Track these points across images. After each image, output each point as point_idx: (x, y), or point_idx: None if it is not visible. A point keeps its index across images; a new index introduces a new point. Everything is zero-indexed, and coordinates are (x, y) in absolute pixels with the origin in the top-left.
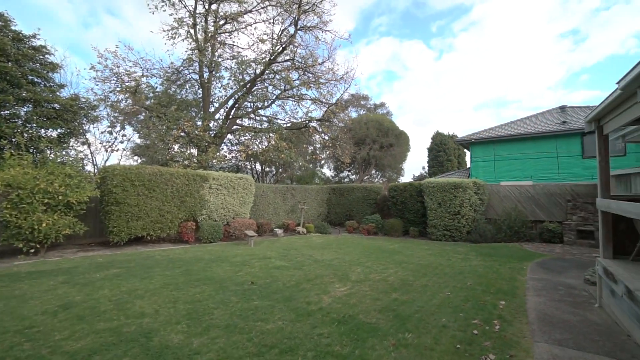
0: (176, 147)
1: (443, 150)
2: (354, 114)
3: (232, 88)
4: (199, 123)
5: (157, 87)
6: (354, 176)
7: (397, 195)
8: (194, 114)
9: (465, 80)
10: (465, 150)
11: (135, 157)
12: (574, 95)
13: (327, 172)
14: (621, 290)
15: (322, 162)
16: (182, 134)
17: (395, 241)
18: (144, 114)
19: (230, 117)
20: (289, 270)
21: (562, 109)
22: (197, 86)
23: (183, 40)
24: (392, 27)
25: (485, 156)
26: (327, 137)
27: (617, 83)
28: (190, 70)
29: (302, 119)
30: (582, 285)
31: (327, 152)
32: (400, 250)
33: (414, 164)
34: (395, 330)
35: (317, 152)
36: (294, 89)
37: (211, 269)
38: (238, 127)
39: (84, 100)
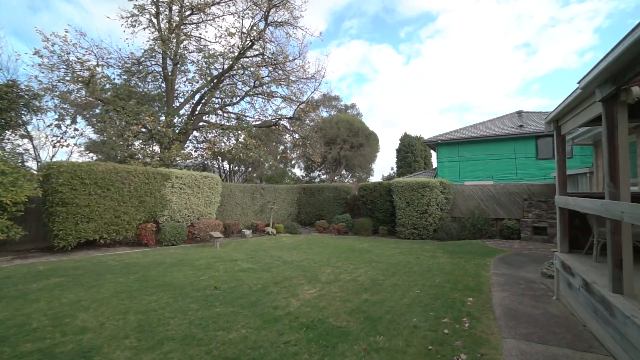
0: (137, 143)
1: (411, 152)
2: (324, 114)
3: (197, 82)
4: (163, 118)
5: (114, 79)
6: (324, 176)
7: (367, 194)
8: (156, 108)
9: (431, 85)
10: (431, 151)
11: (91, 154)
12: (527, 102)
13: (298, 171)
14: (578, 283)
15: (293, 161)
16: (143, 129)
17: (365, 240)
18: (99, 107)
19: (196, 113)
20: (256, 272)
21: (519, 113)
22: (160, 79)
23: (144, 29)
24: (363, 31)
25: (451, 157)
26: (297, 136)
27: (578, 82)
28: (153, 62)
29: (272, 117)
30: (540, 278)
31: (298, 152)
32: (370, 249)
33: (383, 165)
34: (366, 334)
35: (288, 151)
36: (264, 86)
37: (171, 273)
38: (205, 123)
39: (24, 88)
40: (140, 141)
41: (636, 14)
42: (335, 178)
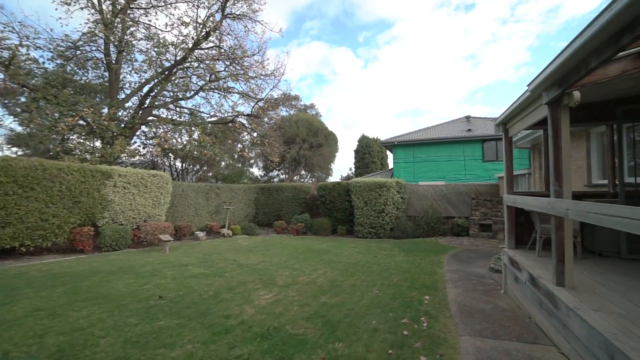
0: (74, 137)
1: (368, 153)
2: (284, 113)
3: (146, 72)
4: (106, 111)
5: (44, 63)
6: (283, 176)
7: (326, 194)
8: (99, 100)
9: (388, 89)
10: (388, 152)
11: (13, 148)
12: (472, 109)
13: (256, 171)
14: (525, 277)
15: (251, 161)
16: (82, 122)
17: (324, 240)
18: (25, 94)
19: (145, 106)
20: (208, 278)
21: (467, 118)
22: (102, 67)
23: (82, 9)
24: (323, 32)
25: (406, 158)
26: (255, 134)
27: (528, 85)
28: (93, 47)
29: (229, 114)
30: (488, 273)
31: (257, 151)
32: (328, 249)
33: (342, 165)
34: (325, 341)
35: (246, 150)
36: (221, 81)
37: (109, 283)
38: (154, 118)
39: None
40: (77, 135)
41: (558, 37)
42: (295, 178)
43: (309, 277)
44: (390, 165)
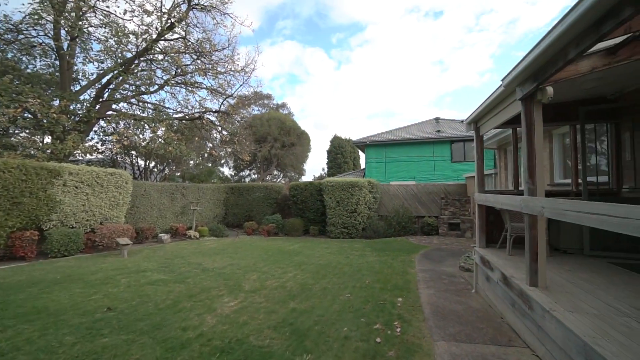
0: (19, 131)
1: (341, 153)
2: (256, 112)
3: (102, 62)
4: (57, 102)
5: None
6: (255, 175)
7: (298, 194)
8: (50, 91)
9: (360, 91)
10: (360, 152)
11: None
12: (440, 112)
13: (227, 170)
14: (497, 277)
15: (222, 160)
16: (28, 115)
17: (296, 241)
18: None
19: (103, 99)
20: (168, 285)
21: (437, 120)
22: (53, 55)
23: None
24: (296, 32)
25: (378, 158)
26: (225, 132)
27: (502, 80)
28: (41, 32)
29: (196, 110)
30: (459, 272)
31: (227, 149)
32: (300, 250)
33: (315, 165)
34: (292, 353)
35: (215, 148)
36: (188, 76)
37: (49, 294)
38: (114, 112)
39: None
40: (22, 129)
41: (518, 47)
42: (267, 178)
43: (278, 280)
44: (363, 165)
